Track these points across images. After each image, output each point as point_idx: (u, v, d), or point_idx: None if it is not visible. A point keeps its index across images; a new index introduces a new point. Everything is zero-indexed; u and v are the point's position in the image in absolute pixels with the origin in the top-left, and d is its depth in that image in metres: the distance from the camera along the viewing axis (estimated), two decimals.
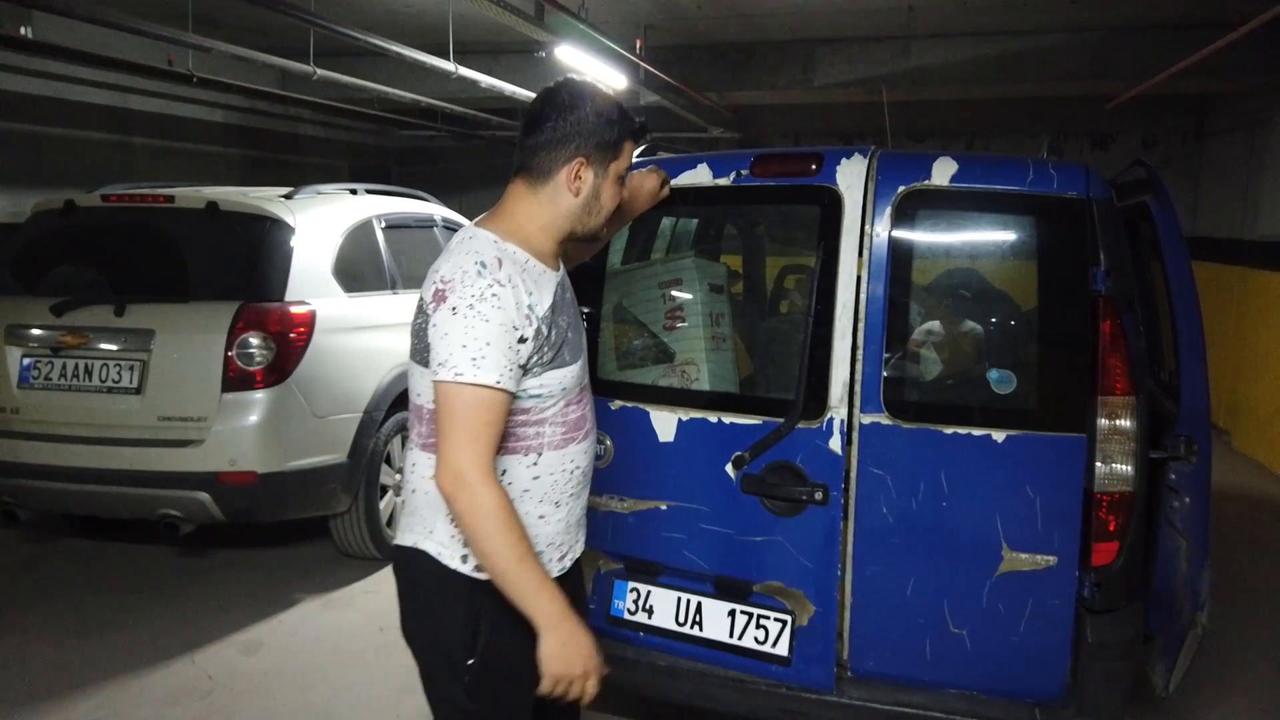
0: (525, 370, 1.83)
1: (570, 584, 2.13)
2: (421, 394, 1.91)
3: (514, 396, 1.81)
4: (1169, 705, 3.25)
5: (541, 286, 1.88)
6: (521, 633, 1.93)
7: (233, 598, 4.52)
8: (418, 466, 1.94)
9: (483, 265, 1.79)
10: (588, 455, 2.04)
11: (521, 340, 1.80)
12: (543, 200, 1.92)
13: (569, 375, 1.92)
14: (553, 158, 1.89)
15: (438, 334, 1.78)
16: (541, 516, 1.94)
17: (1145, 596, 2.78)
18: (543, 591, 1.80)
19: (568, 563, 2.06)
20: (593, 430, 2.07)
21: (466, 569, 1.89)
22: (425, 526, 1.92)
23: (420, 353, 1.87)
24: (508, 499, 1.78)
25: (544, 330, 1.84)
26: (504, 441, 1.87)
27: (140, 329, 4.29)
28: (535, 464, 1.92)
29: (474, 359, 1.73)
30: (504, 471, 1.88)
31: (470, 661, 1.90)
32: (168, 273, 4.53)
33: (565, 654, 1.80)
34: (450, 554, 1.90)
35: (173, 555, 5.07)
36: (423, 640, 1.98)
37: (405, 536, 1.96)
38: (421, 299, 1.87)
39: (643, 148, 3.37)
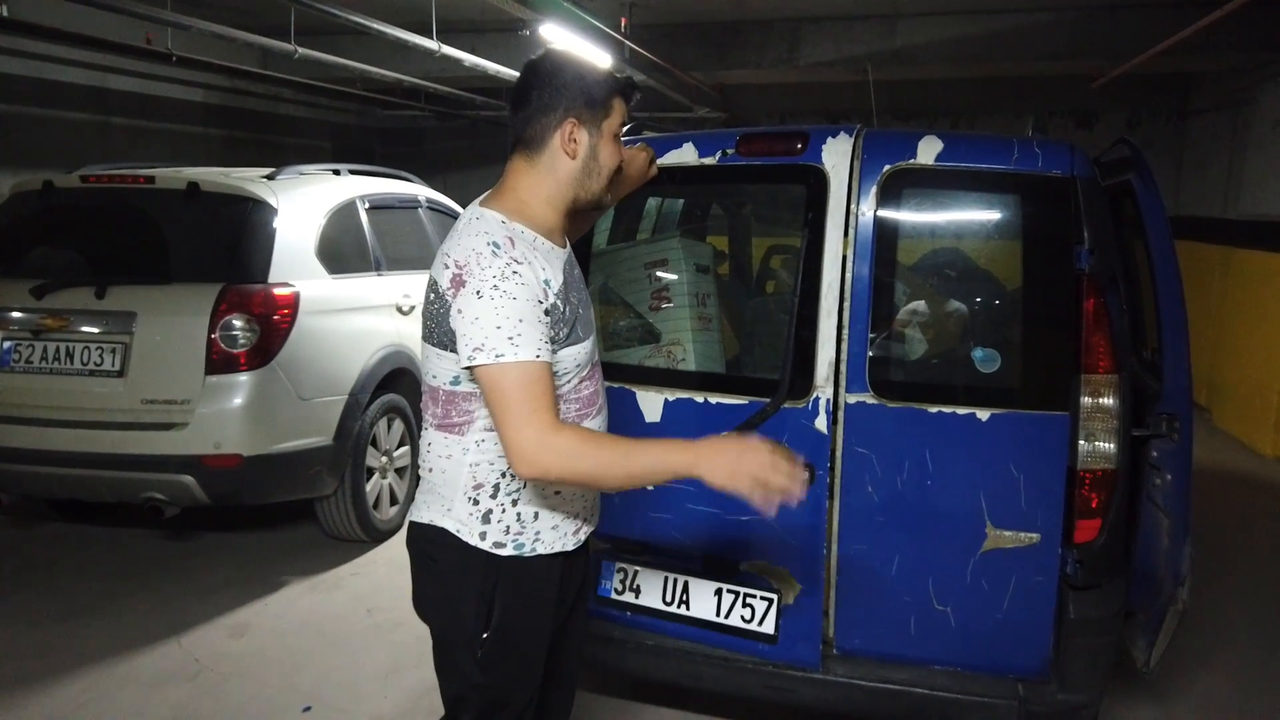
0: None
1: (580, 562, 2.15)
2: (437, 375, 1.91)
3: (552, 367, 1.83)
4: (1150, 680, 3.29)
5: (552, 263, 1.89)
6: (534, 609, 1.99)
7: (218, 581, 4.51)
8: (433, 446, 1.96)
9: (496, 245, 1.80)
10: (601, 430, 2.06)
11: (547, 313, 1.82)
12: (542, 170, 1.93)
13: (583, 351, 1.94)
14: (545, 124, 1.90)
15: (465, 319, 1.78)
16: (558, 492, 1.96)
17: (1127, 573, 2.80)
18: (666, 455, 1.81)
19: (582, 536, 2.08)
20: (604, 405, 2.09)
21: (485, 545, 1.92)
22: (443, 504, 1.94)
23: (437, 335, 1.87)
24: (579, 431, 1.84)
25: (559, 306, 1.86)
26: None
27: (122, 311, 4.25)
28: None
29: (511, 338, 1.75)
30: None
31: (485, 635, 1.93)
32: (149, 254, 4.48)
33: (733, 479, 1.74)
34: (469, 531, 1.92)
35: (157, 538, 5.05)
36: (438, 614, 2.01)
37: (422, 513, 1.98)
38: (434, 282, 1.87)
39: (629, 125, 3.35)
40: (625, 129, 2.02)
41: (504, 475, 1.91)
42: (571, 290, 1.92)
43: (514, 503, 1.93)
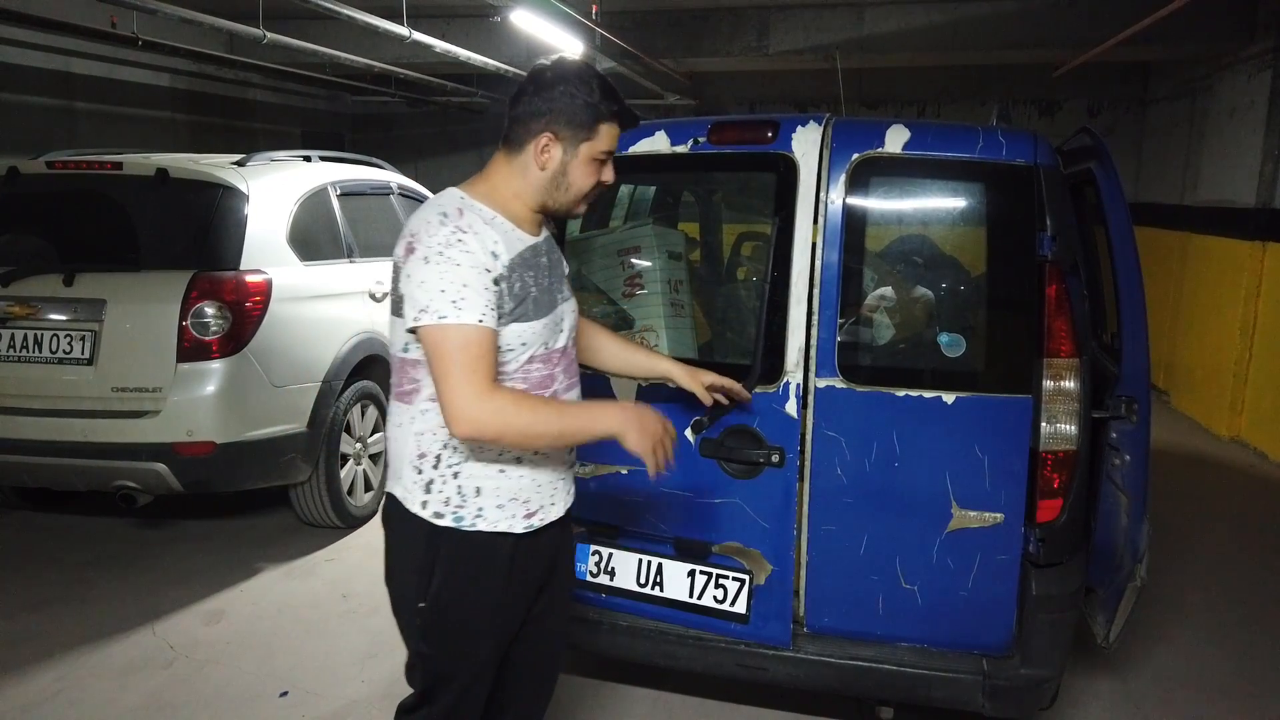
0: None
1: (549, 546, 2.12)
2: (394, 344, 1.97)
3: (497, 335, 1.88)
4: (1109, 654, 3.38)
5: (508, 241, 1.94)
6: (475, 586, 2.00)
7: (193, 568, 4.51)
8: (391, 415, 2.03)
9: (444, 215, 1.87)
10: None
11: (496, 282, 1.87)
12: (515, 170, 2.00)
13: (529, 331, 1.97)
14: (526, 130, 1.97)
15: (413, 283, 1.84)
16: (502, 470, 1.99)
17: (1087, 550, 2.88)
18: (592, 417, 1.99)
19: (536, 522, 2.04)
20: (564, 393, 2.09)
21: (426, 514, 1.97)
22: (396, 472, 2.02)
23: (397, 305, 1.92)
24: (512, 393, 1.89)
25: (505, 277, 1.90)
26: None
27: (91, 299, 4.23)
28: None
29: (455, 301, 1.81)
30: None
31: (421, 605, 1.98)
32: (118, 241, 4.45)
33: (642, 439, 1.97)
34: (412, 499, 1.98)
35: (129, 527, 5.03)
36: (391, 580, 2.08)
37: (388, 483, 2.07)
38: (395, 255, 1.92)
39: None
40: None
41: (445, 446, 1.96)
42: (526, 270, 1.96)
43: (454, 475, 1.97)
